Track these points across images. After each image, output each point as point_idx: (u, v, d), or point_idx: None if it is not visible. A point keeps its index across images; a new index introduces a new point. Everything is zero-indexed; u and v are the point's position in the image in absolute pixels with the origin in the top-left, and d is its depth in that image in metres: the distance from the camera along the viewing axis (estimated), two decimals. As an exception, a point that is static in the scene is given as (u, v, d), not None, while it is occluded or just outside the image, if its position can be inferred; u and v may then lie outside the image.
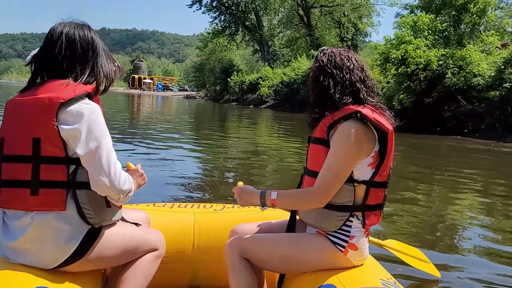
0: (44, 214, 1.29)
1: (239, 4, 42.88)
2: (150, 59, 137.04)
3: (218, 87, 46.56)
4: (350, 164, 1.41)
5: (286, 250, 1.50)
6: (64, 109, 1.28)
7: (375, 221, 1.49)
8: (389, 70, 16.03)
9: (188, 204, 2.07)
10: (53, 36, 1.36)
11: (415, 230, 3.73)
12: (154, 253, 1.55)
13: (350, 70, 1.47)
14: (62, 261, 1.32)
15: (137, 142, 8.40)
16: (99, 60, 1.41)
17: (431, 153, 10.46)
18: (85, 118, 1.29)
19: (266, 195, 1.49)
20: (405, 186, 5.69)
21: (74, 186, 1.31)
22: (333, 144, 1.42)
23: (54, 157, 1.28)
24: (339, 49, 1.53)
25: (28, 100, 1.30)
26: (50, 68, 1.36)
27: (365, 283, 1.35)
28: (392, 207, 4.34)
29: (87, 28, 1.42)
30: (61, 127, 1.28)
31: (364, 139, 1.41)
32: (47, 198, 1.28)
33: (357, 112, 1.40)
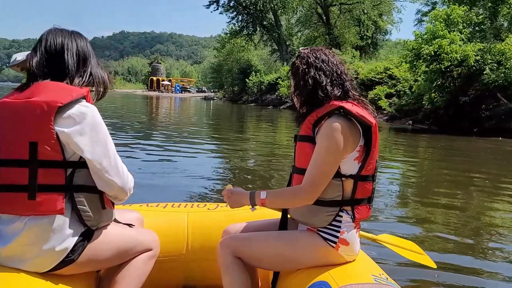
0: (40, 218, 1.27)
1: (257, 3, 42.52)
2: (168, 61, 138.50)
3: (236, 88, 46.31)
4: (336, 160, 1.42)
5: (278, 248, 1.50)
6: (63, 112, 1.26)
7: (365, 214, 1.50)
8: (419, 67, 14.99)
9: (181, 204, 2.05)
10: (52, 42, 1.36)
11: (452, 236, 3.50)
12: (148, 254, 1.53)
13: (335, 64, 1.51)
14: (55, 264, 1.30)
15: (155, 144, 8.42)
16: (94, 66, 1.43)
17: (467, 155, 9.79)
18: (87, 121, 1.29)
19: (256, 195, 1.50)
20: (438, 191, 5.38)
21: (71, 189, 1.30)
22: (319, 141, 1.43)
23: (52, 161, 1.27)
24: (318, 47, 1.55)
25: (23, 103, 1.27)
26: (48, 72, 1.34)
27: (358, 279, 1.35)
28: (424, 212, 4.20)
29: (83, 37, 1.45)
30: (60, 130, 1.26)
31: (349, 134, 1.42)
32: (45, 202, 1.26)
33: (341, 107, 1.42)
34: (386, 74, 22.65)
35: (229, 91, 48.82)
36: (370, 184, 1.49)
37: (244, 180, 5.41)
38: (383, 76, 22.66)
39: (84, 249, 1.34)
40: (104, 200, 1.39)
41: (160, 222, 1.88)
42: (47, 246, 1.28)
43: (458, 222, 3.94)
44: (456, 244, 3.30)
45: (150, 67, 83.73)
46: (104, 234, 1.42)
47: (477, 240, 3.49)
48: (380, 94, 20.95)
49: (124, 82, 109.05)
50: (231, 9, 43.66)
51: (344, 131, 1.40)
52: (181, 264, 1.87)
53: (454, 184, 6.00)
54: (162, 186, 4.73)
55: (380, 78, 22.71)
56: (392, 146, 10.92)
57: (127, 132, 10.79)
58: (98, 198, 1.37)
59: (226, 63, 50.91)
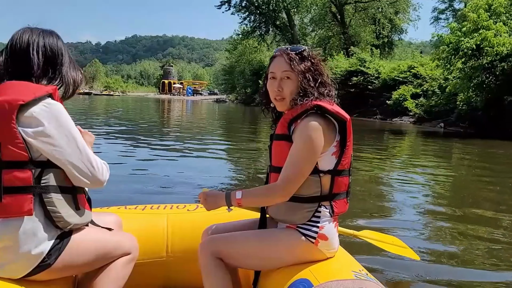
0: (9, 221, 1.24)
1: (270, 2, 41.53)
2: (180, 64, 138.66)
3: (249, 90, 45.36)
4: (313, 159, 1.42)
5: (258, 247, 1.49)
6: (25, 111, 1.24)
7: (343, 208, 1.51)
8: (454, 64, 13.44)
9: (160, 206, 2.02)
10: (18, 40, 1.34)
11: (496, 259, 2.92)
12: (127, 257, 1.51)
13: (323, 65, 1.53)
14: (31, 269, 1.27)
15: (168, 149, 8.14)
16: (64, 66, 1.39)
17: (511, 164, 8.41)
18: (52, 120, 1.26)
19: (231, 196, 1.49)
20: (477, 203, 4.59)
21: (40, 190, 1.26)
22: (296, 140, 1.43)
23: (17, 162, 1.23)
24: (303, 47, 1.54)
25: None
26: (12, 72, 1.32)
27: (338, 275, 1.35)
28: (462, 231, 3.54)
29: (54, 35, 1.41)
30: (24, 130, 1.24)
31: (326, 132, 1.42)
32: (11, 204, 1.23)
33: (316, 106, 1.42)
34: (411, 73, 21.09)
35: (242, 93, 47.86)
36: (346, 178, 1.49)
37: (238, 185, 5.09)
38: (407, 75, 21.11)
39: (60, 253, 1.30)
40: (78, 201, 1.36)
41: (139, 224, 1.84)
42: (22, 250, 1.24)
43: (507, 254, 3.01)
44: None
45: (162, 70, 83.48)
46: (81, 238, 1.37)
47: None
48: (406, 95, 19.43)
49: (136, 86, 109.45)
50: (243, 9, 42.70)
51: (320, 129, 1.40)
52: (161, 266, 1.85)
53: (496, 194, 5.07)
54: (143, 188, 4.48)
55: (404, 77, 21.17)
56: (420, 151, 9.92)
57: (127, 134, 10.54)
58: (70, 198, 1.34)
59: (238, 64, 50.01)
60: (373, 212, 3.99)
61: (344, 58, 28.18)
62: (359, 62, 24.94)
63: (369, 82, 23.41)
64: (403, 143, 11.95)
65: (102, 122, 13.64)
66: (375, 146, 10.33)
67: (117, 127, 12.18)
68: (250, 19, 43.14)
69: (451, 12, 42.80)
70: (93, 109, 22.46)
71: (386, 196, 4.87)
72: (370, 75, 23.60)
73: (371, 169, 6.59)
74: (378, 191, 5.12)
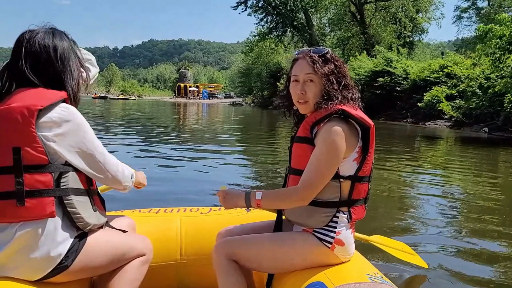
0: (29, 224, 1.25)
1: (287, 2, 40.49)
2: (196, 67, 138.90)
3: (266, 92, 44.21)
4: (335, 164, 1.40)
5: (273, 250, 1.48)
6: (43, 116, 1.26)
7: (361, 215, 1.49)
8: (503, 61, 11.85)
9: (174, 209, 2.02)
10: (23, 43, 1.33)
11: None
12: (141, 259, 1.51)
13: (346, 68, 1.52)
14: (48, 271, 1.28)
15: (183, 152, 7.95)
16: (70, 69, 1.38)
17: None
18: (69, 123, 1.29)
19: (251, 196, 1.48)
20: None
21: (60, 192, 1.28)
22: (318, 143, 1.41)
23: (37, 165, 1.25)
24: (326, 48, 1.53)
25: (3, 110, 1.25)
26: (20, 76, 1.32)
27: (353, 278, 1.34)
28: (500, 251, 3.05)
29: (61, 34, 1.39)
30: (42, 134, 1.26)
31: (348, 137, 1.41)
32: (34, 207, 1.24)
33: (340, 110, 1.41)
34: (444, 73, 19.45)
35: (258, 96, 46.76)
36: (366, 185, 1.48)
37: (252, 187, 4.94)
38: (440, 75, 19.47)
39: (77, 255, 1.31)
40: (94, 202, 1.39)
41: (153, 227, 1.84)
42: (40, 252, 1.25)
43: None
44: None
45: (177, 74, 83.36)
46: (96, 239, 1.38)
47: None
48: (440, 96, 17.81)
49: (153, 89, 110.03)
50: (259, 10, 41.79)
51: (343, 135, 1.38)
52: (175, 269, 1.83)
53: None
54: (157, 192, 4.37)
55: (437, 77, 19.54)
56: (457, 159, 8.54)
57: (138, 138, 10.29)
58: (88, 200, 1.36)
59: (254, 67, 49.01)
60: (395, 223, 3.73)
61: (367, 58, 26.72)
62: (384, 61, 23.40)
63: (396, 83, 21.83)
64: (437, 150, 10.59)
65: (118, 126, 13.65)
66: (405, 153, 9.17)
67: (132, 130, 11.87)
68: (267, 19, 42.26)
69: (474, 11, 41.12)
70: (104, 117, 21.45)
71: (411, 206, 4.49)
72: (398, 75, 22.02)
73: (399, 177, 6.00)
74: (404, 200, 4.74)
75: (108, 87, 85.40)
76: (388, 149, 9.24)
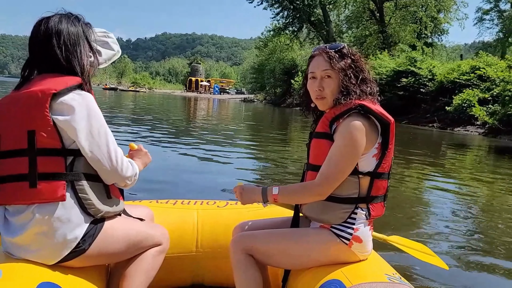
0: (44, 207, 1.27)
1: (305, -4, 38.84)
2: (208, 62, 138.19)
3: (279, 89, 42.95)
4: (354, 159, 1.39)
5: (290, 246, 1.48)
6: (57, 100, 1.27)
7: (379, 212, 1.48)
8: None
9: (191, 201, 2.03)
10: (34, 30, 1.35)
11: None
12: (157, 248, 1.52)
13: (365, 63, 1.51)
14: (65, 255, 1.30)
15: (197, 147, 8.05)
16: (77, 54, 1.37)
17: None
18: (82, 109, 1.29)
19: (268, 191, 1.48)
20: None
21: (72, 177, 1.30)
22: (337, 139, 1.41)
23: (51, 149, 1.27)
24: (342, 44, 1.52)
25: (21, 94, 1.29)
26: (37, 63, 1.36)
27: (371, 277, 1.31)
28: None
29: (71, 19, 1.39)
30: (56, 118, 1.26)
31: (368, 133, 1.40)
32: (46, 189, 1.26)
33: (360, 105, 1.39)
34: (475, 75, 17.98)
35: (271, 93, 45.53)
36: (385, 181, 1.47)
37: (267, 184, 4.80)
38: (471, 77, 18.00)
39: (94, 240, 1.33)
40: (110, 190, 1.38)
41: (170, 218, 1.84)
42: (57, 235, 1.27)
43: None
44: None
45: (189, 68, 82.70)
46: (114, 226, 1.39)
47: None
48: (472, 100, 16.37)
49: (164, 83, 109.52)
50: (276, 4, 40.72)
51: (363, 130, 1.38)
52: (191, 261, 1.84)
53: None
54: (173, 183, 4.54)
55: (467, 79, 18.07)
56: (489, 170, 7.58)
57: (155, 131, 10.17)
58: (101, 187, 1.36)
59: (268, 63, 47.73)
60: (414, 227, 3.64)
61: (389, 57, 25.29)
62: (408, 61, 21.95)
63: (421, 84, 20.39)
64: (465, 158, 9.46)
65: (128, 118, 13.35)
66: (427, 160, 8.19)
67: (145, 123, 11.56)
68: (283, 14, 41.20)
69: (496, 13, 39.50)
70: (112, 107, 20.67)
71: (432, 213, 4.29)
72: (423, 76, 20.58)
73: (418, 188, 5.56)
74: (427, 206, 4.59)
75: (120, 78, 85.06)
76: (408, 153, 8.54)
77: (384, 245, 1.92)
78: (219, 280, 1.86)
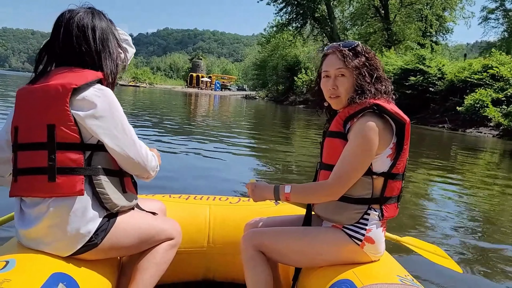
0: (60, 200, 1.27)
1: (309, -8, 38.09)
2: (209, 58, 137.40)
3: (281, 86, 42.22)
4: (367, 160, 1.38)
5: (301, 244, 1.47)
6: (77, 94, 1.27)
7: (393, 213, 1.47)
8: None
9: (203, 196, 2.05)
10: (62, 23, 1.33)
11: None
12: (169, 242, 1.53)
13: (379, 61, 1.50)
14: (78, 248, 1.30)
15: (185, 139, 8.19)
16: (109, 50, 1.38)
17: None
18: (103, 104, 1.29)
19: (280, 189, 1.48)
20: None
21: (90, 172, 1.30)
22: (351, 139, 1.39)
23: (70, 143, 1.27)
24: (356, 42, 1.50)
25: (40, 88, 1.29)
26: (58, 56, 1.34)
27: (382, 278, 1.30)
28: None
29: (99, 14, 1.39)
30: (75, 113, 1.26)
31: (382, 133, 1.38)
32: (64, 184, 1.26)
33: (375, 105, 1.37)
34: (488, 74, 17.27)
35: (273, 90, 44.77)
36: (399, 182, 1.46)
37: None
38: (484, 76, 17.29)
39: (107, 234, 1.33)
40: (125, 184, 1.40)
41: (182, 213, 1.85)
42: (70, 229, 1.27)
43: None
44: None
45: (190, 63, 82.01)
46: (127, 220, 1.40)
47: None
48: (485, 100, 15.68)
49: (165, 78, 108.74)
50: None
51: (378, 130, 1.36)
52: (202, 256, 1.85)
53: None
54: (186, 179, 4.64)
55: (479, 78, 17.36)
56: (503, 175, 7.14)
57: (159, 127, 10.08)
58: (118, 181, 1.37)
59: (270, 59, 46.95)
60: (425, 229, 3.53)
61: (396, 55, 24.61)
62: (417, 59, 21.23)
63: (430, 83, 19.69)
64: (477, 162, 8.92)
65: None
66: (435, 163, 7.72)
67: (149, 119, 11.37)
68: (286, 10, 40.54)
69: (502, 12, 38.76)
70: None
71: (444, 217, 4.05)
72: (432, 74, 19.87)
73: (426, 191, 5.37)
74: (438, 209, 4.40)
75: (121, 73, 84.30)
76: (419, 154, 8.16)
77: (396, 246, 1.92)
78: (230, 276, 1.88)
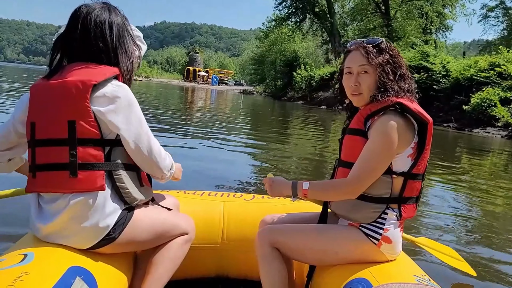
0: (81, 195, 1.28)
1: (309, -14, 37.41)
2: (206, 52, 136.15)
3: (279, 82, 41.47)
4: (388, 159, 1.37)
5: (317, 242, 1.46)
6: (97, 91, 1.28)
7: (411, 214, 1.45)
8: None
9: (218, 193, 2.05)
10: (79, 17, 1.33)
11: None
12: (184, 237, 1.55)
13: (402, 58, 1.49)
14: (96, 241, 1.32)
15: (194, 134, 8.21)
16: (125, 47, 1.39)
17: None
18: (121, 100, 1.30)
19: (298, 186, 1.46)
20: None
21: (110, 167, 1.32)
22: (372, 137, 1.38)
23: (90, 139, 1.28)
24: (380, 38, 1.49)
25: (59, 84, 1.28)
26: (74, 51, 1.34)
27: (399, 278, 1.29)
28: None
29: (115, 11, 1.40)
30: (96, 109, 1.27)
31: (404, 132, 1.36)
32: (86, 179, 1.28)
33: (397, 103, 1.36)
34: (495, 72, 16.69)
35: (271, 85, 44.04)
36: (419, 183, 1.44)
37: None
38: (491, 75, 16.72)
39: (124, 228, 1.35)
40: (142, 178, 1.41)
41: (196, 209, 1.86)
42: (90, 223, 1.29)
43: None
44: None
45: (187, 57, 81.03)
46: (143, 214, 1.42)
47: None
48: (493, 99, 15.11)
49: (162, 72, 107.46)
50: (279, -7, 38.97)
51: (399, 129, 1.35)
52: (216, 253, 1.85)
53: None
54: (199, 175, 4.54)
55: (486, 77, 16.79)
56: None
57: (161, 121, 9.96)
58: (135, 175, 1.39)
59: (269, 54, 46.18)
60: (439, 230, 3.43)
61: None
62: (420, 56, 20.62)
63: (434, 80, 19.09)
64: (484, 164, 8.38)
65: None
66: (440, 164, 7.23)
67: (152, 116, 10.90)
68: (286, 4, 40.21)
69: (502, 10, 38.31)
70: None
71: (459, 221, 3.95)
72: (436, 72, 19.26)
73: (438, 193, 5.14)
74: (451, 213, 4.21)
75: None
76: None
77: (412, 246, 1.78)
78: (243, 273, 1.89)
